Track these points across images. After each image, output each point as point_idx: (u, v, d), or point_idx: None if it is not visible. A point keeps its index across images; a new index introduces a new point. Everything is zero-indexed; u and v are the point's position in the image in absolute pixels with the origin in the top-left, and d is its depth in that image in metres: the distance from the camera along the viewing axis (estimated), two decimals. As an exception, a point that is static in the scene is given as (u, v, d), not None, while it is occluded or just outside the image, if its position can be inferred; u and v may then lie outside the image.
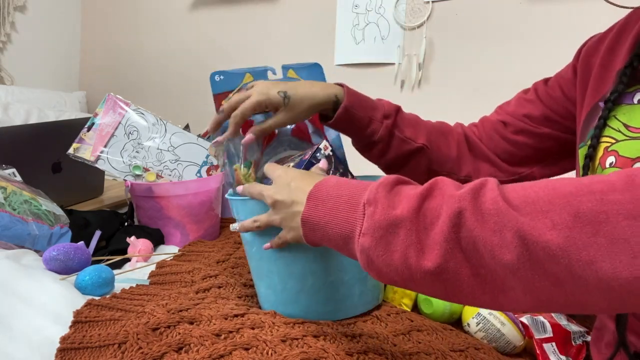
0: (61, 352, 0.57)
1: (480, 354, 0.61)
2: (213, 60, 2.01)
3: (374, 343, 0.58)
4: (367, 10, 1.70)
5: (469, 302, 0.41)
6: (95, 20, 2.27)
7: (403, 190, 0.44)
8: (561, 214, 0.35)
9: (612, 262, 0.33)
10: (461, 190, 0.40)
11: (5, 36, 1.95)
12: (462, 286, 0.39)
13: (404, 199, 0.42)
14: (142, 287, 0.77)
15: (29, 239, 0.84)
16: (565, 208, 0.35)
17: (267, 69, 0.84)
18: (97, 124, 1.04)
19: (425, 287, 0.42)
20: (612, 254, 0.33)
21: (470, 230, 0.38)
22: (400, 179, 0.46)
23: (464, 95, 1.60)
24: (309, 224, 0.50)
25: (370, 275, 0.45)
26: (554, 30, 1.47)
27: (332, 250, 0.64)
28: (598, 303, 0.35)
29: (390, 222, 0.42)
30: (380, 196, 0.44)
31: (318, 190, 0.50)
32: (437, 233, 0.39)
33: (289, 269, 0.65)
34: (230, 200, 0.68)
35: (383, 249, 0.42)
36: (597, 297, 0.34)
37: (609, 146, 0.55)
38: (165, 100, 2.12)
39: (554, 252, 0.34)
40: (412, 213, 0.41)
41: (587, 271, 0.33)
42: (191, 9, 2.03)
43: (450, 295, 0.41)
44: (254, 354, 0.53)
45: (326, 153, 0.72)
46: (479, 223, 0.37)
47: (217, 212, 1.14)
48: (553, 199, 0.36)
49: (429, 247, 0.40)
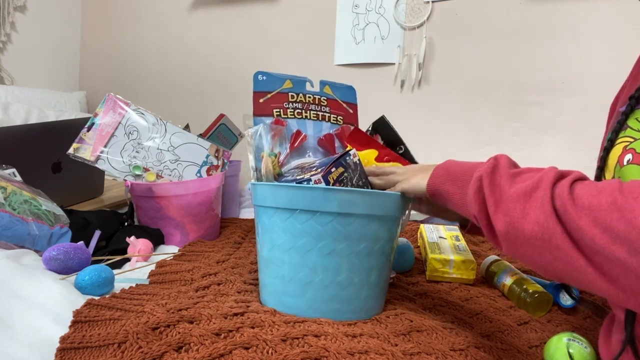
0: (61, 351, 0.57)
1: (481, 353, 0.61)
2: (213, 60, 2.01)
3: (375, 343, 0.57)
4: (367, 10, 1.70)
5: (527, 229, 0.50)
6: (95, 20, 2.27)
7: (520, 166, 0.59)
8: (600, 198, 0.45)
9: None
10: (553, 171, 0.52)
11: (5, 36, 1.95)
12: (525, 229, 0.49)
13: (517, 167, 0.58)
14: (141, 286, 0.77)
15: (29, 239, 0.84)
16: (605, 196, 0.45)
17: (306, 80, 0.88)
18: (97, 124, 1.04)
19: (503, 214, 0.52)
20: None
21: (543, 190, 0.49)
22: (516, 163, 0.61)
23: (464, 95, 1.60)
24: (439, 170, 0.65)
25: (475, 201, 0.55)
26: (554, 30, 1.47)
27: (347, 250, 0.65)
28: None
29: (501, 173, 0.55)
30: (502, 159, 0.58)
31: (445, 163, 0.66)
32: (522, 180, 0.53)
33: (301, 260, 0.66)
34: (258, 186, 0.70)
35: (490, 181, 0.55)
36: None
37: (627, 145, 0.56)
38: (165, 100, 2.12)
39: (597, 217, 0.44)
40: (516, 172, 0.56)
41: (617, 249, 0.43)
42: (191, 9, 2.03)
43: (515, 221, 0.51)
44: (254, 353, 0.53)
45: (355, 160, 0.75)
46: (548, 191, 0.49)
47: (217, 212, 1.14)
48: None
49: (516, 184, 0.53)
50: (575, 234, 0.46)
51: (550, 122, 1.50)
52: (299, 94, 0.87)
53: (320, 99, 0.89)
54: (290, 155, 0.84)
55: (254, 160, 0.79)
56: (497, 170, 0.56)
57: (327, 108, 0.89)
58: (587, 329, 0.75)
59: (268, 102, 0.85)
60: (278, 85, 0.86)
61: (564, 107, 1.49)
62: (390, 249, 0.71)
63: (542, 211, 0.48)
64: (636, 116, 0.58)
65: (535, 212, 0.48)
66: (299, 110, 0.87)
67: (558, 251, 0.47)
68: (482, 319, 0.75)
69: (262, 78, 0.85)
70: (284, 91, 0.86)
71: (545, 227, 0.47)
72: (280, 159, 0.81)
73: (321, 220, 0.64)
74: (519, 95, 1.53)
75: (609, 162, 0.59)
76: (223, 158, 1.14)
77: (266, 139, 0.81)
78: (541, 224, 0.48)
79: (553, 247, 0.47)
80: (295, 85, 0.87)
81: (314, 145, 0.86)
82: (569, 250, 0.46)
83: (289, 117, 0.86)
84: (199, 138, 1.12)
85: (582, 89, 1.46)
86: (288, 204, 0.65)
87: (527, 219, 0.49)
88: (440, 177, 0.64)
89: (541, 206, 0.48)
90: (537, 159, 1.51)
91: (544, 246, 0.48)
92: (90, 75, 2.31)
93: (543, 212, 0.48)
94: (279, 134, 0.82)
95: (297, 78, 0.87)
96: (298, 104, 0.87)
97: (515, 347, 0.66)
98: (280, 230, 0.67)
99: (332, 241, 0.64)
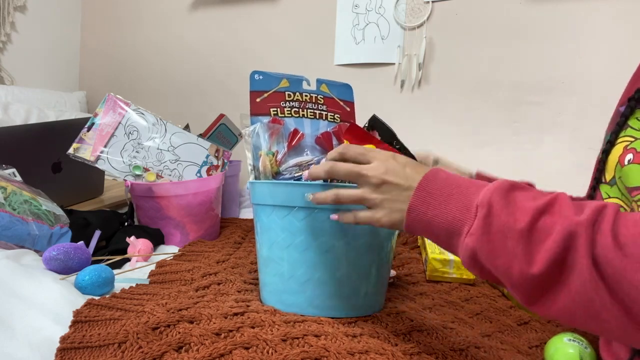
0: (61, 351, 0.57)
1: (481, 352, 0.61)
2: (213, 60, 2.01)
3: (375, 343, 0.57)
4: (367, 10, 1.70)
5: (553, 314, 0.42)
6: (95, 20, 2.27)
7: (518, 198, 0.44)
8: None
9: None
10: (580, 217, 0.40)
11: (5, 36, 1.95)
12: (557, 302, 0.41)
13: (519, 210, 0.43)
14: (141, 286, 0.77)
15: (29, 239, 0.84)
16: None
17: (303, 78, 0.88)
18: (97, 124, 1.04)
19: (521, 294, 0.43)
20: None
21: (581, 257, 0.39)
22: (515, 184, 0.47)
23: (464, 95, 1.60)
24: (415, 212, 0.50)
25: (470, 271, 0.47)
26: (554, 30, 1.47)
27: (345, 247, 0.65)
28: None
29: (500, 229, 0.43)
30: (495, 201, 0.44)
31: (428, 182, 0.50)
32: (546, 250, 0.40)
33: (300, 258, 0.66)
34: (256, 184, 0.69)
35: (488, 252, 0.43)
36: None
37: (628, 144, 0.56)
38: (165, 100, 2.12)
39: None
40: (525, 226, 0.42)
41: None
42: (191, 9, 2.03)
43: (540, 304, 0.42)
44: (255, 353, 0.53)
45: None
46: (589, 253, 0.39)
47: (217, 212, 1.14)
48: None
49: (536, 261, 0.41)
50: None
51: (550, 122, 1.50)
52: (295, 92, 0.87)
53: (317, 97, 0.89)
54: (288, 154, 0.84)
55: (252, 159, 0.79)
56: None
57: (324, 106, 0.89)
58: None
59: (265, 102, 0.85)
60: (274, 84, 0.86)
61: (564, 107, 1.48)
62: (389, 245, 0.71)
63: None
64: (636, 116, 0.57)
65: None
66: (296, 109, 0.87)
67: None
68: (482, 319, 0.75)
69: (258, 77, 0.85)
70: (280, 90, 0.86)
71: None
72: (278, 158, 0.81)
73: (319, 217, 0.64)
74: (519, 95, 1.53)
75: (609, 162, 0.59)
76: (223, 158, 1.14)
77: (264, 137, 0.81)
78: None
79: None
80: (292, 84, 0.87)
81: (312, 143, 0.87)
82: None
83: (286, 116, 0.86)
84: (199, 138, 1.12)
85: (582, 89, 1.46)
86: (286, 202, 0.65)
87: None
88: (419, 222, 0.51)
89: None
90: (537, 159, 1.51)
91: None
92: (90, 75, 2.31)
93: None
94: (276, 133, 0.82)
95: (294, 77, 0.88)
96: (295, 103, 0.87)
97: (515, 347, 0.66)
98: (278, 228, 0.67)
99: (330, 238, 0.65)
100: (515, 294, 0.44)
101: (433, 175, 0.51)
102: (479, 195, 0.46)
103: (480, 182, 0.48)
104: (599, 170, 0.60)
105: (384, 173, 0.54)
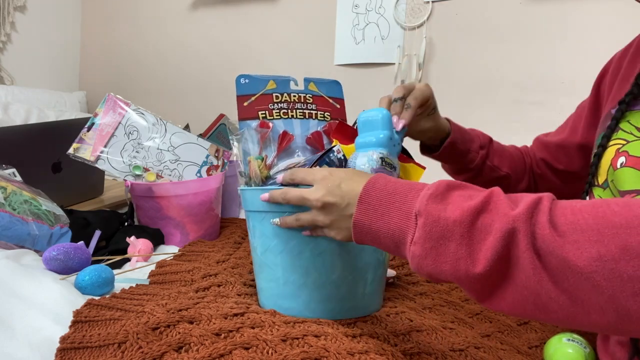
0: (61, 351, 0.57)
1: (481, 352, 0.61)
2: (213, 60, 2.01)
3: (375, 343, 0.57)
4: (367, 10, 1.70)
5: (504, 309, 0.43)
6: (95, 20, 2.27)
7: (455, 199, 0.45)
8: (609, 245, 0.35)
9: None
10: (516, 211, 0.41)
11: (5, 36, 1.95)
12: (505, 297, 0.41)
13: (457, 211, 0.43)
14: (141, 286, 0.77)
15: (29, 239, 0.84)
16: (614, 240, 0.35)
17: (290, 79, 0.87)
18: (97, 124, 1.04)
19: (471, 293, 0.44)
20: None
21: (522, 251, 0.39)
22: (451, 184, 0.47)
23: (464, 94, 1.60)
24: (360, 227, 0.51)
25: (421, 276, 0.48)
26: (553, 30, 1.47)
27: (338, 248, 0.65)
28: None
29: (441, 234, 0.43)
30: (432, 208, 0.44)
31: (368, 193, 0.51)
32: (488, 248, 0.41)
33: (294, 262, 0.65)
34: (247, 191, 0.69)
35: (433, 258, 0.44)
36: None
37: (620, 147, 0.56)
38: (165, 100, 2.12)
39: (599, 283, 0.35)
40: (464, 227, 0.42)
41: (631, 302, 0.34)
42: (191, 9, 2.03)
43: (491, 301, 0.43)
44: (254, 353, 0.53)
45: (339, 156, 0.74)
46: (530, 246, 0.39)
47: (217, 212, 1.14)
48: (602, 229, 0.36)
49: (479, 260, 0.41)
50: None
51: (550, 122, 1.50)
52: (283, 94, 0.86)
53: (306, 96, 0.87)
54: (279, 157, 0.83)
55: (242, 165, 0.79)
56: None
57: (314, 105, 0.88)
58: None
59: (252, 105, 0.84)
60: (261, 86, 0.85)
61: (564, 107, 1.48)
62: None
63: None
64: (628, 119, 0.57)
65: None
66: (285, 110, 0.86)
67: None
68: (482, 319, 0.75)
69: (244, 81, 0.84)
70: (267, 92, 0.85)
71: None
72: (267, 162, 0.81)
73: None
74: (519, 95, 1.53)
75: (601, 165, 0.59)
76: (223, 158, 1.14)
77: (252, 142, 0.80)
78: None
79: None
80: (279, 86, 0.86)
81: (303, 144, 0.86)
82: None
83: (274, 118, 0.85)
84: (199, 138, 1.12)
85: (582, 89, 1.45)
86: (276, 207, 0.64)
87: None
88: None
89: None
90: (537, 159, 1.51)
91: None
92: (90, 75, 2.31)
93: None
94: (264, 137, 0.81)
95: (281, 78, 0.87)
96: (283, 104, 0.86)
97: (515, 347, 0.66)
98: (270, 233, 0.66)
99: (323, 240, 0.64)
100: (467, 293, 0.45)
101: (371, 186, 0.51)
102: (417, 202, 0.46)
103: (417, 185, 0.49)
104: (591, 175, 0.60)
105: (323, 195, 0.55)
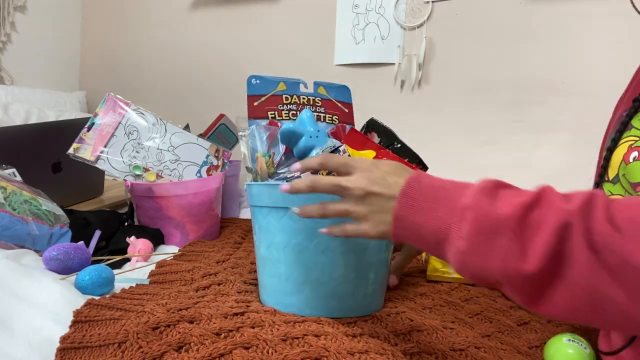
0: (61, 351, 0.57)
1: (481, 352, 0.61)
2: (213, 60, 2.01)
3: (375, 342, 0.57)
4: (367, 10, 1.70)
5: (555, 312, 0.41)
6: (95, 20, 2.27)
7: (505, 196, 0.43)
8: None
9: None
10: (570, 205, 0.39)
11: (5, 36, 1.95)
12: (557, 298, 0.40)
13: (507, 206, 0.42)
14: (142, 286, 0.77)
15: (29, 239, 0.84)
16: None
17: (300, 81, 0.88)
18: (97, 124, 1.04)
19: (520, 294, 0.42)
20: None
21: (577, 246, 0.38)
22: (500, 182, 0.46)
23: (464, 95, 1.60)
24: (401, 220, 0.49)
25: (462, 275, 0.46)
26: (554, 30, 1.47)
27: (342, 246, 0.65)
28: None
29: (490, 229, 0.41)
30: (482, 202, 0.43)
31: (411, 187, 0.49)
32: (540, 244, 0.39)
33: (297, 258, 0.66)
34: (253, 186, 0.69)
35: (481, 254, 0.42)
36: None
37: (632, 143, 0.56)
38: (165, 100, 2.12)
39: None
40: (515, 221, 0.41)
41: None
42: (191, 9, 2.03)
43: (541, 302, 0.41)
44: (255, 352, 0.53)
45: (345, 156, 0.75)
46: (585, 241, 0.38)
47: (217, 212, 1.14)
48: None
49: (531, 256, 0.39)
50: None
51: (550, 122, 1.50)
52: (293, 95, 0.87)
53: (315, 99, 0.89)
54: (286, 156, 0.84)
55: (249, 162, 0.79)
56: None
57: (322, 108, 0.89)
58: (586, 329, 0.75)
59: (262, 105, 0.85)
60: (272, 88, 0.86)
61: (564, 107, 1.48)
62: (387, 245, 0.71)
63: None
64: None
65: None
66: (294, 112, 0.87)
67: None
68: (482, 319, 0.75)
69: (255, 82, 0.85)
70: (278, 93, 0.86)
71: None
72: (274, 160, 0.81)
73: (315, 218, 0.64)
74: (519, 95, 1.53)
75: (612, 160, 0.59)
76: (223, 158, 1.14)
77: (260, 139, 0.81)
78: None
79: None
80: (289, 87, 0.87)
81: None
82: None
83: (283, 119, 0.86)
84: (199, 138, 1.12)
85: (583, 89, 1.46)
86: (282, 203, 0.65)
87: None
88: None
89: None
90: (537, 158, 1.51)
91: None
92: (90, 75, 2.31)
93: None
94: (273, 135, 0.82)
95: (291, 80, 0.88)
96: (292, 106, 0.87)
97: (515, 347, 0.66)
98: (275, 229, 0.67)
99: (327, 238, 0.64)
100: (514, 296, 0.42)
101: (416, 180, 0.49)
102: (465, 197, 0.45)
103: (464, 183, 0.47)
104: (602, 167, 0.60)
105: (367, 184, 0.52)
